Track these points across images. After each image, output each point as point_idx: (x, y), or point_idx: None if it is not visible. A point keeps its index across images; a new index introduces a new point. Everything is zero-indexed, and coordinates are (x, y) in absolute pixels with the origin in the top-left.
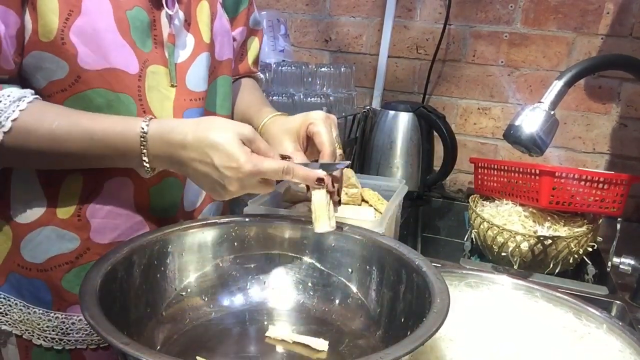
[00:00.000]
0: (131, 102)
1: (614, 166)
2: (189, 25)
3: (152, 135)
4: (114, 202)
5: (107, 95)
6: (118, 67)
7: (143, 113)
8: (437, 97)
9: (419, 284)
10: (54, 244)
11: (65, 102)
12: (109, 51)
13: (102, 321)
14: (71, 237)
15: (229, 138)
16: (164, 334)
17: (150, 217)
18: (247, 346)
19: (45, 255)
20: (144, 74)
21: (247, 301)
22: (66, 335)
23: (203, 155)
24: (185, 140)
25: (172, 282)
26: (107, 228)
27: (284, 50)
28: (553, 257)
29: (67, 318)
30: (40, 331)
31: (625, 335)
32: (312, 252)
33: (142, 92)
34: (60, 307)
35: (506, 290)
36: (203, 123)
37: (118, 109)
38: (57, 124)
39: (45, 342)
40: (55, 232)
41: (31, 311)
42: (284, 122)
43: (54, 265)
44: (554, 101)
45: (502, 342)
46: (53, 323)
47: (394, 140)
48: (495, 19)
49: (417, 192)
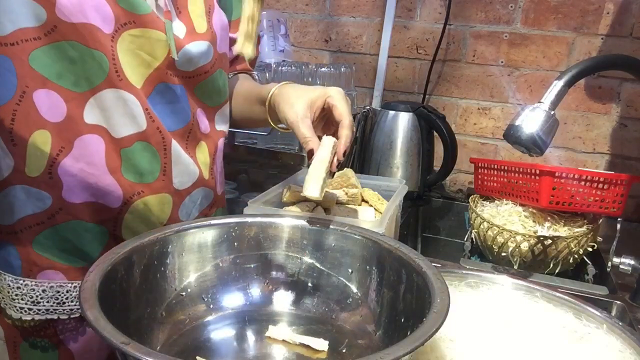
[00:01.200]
0: (104, 60)
1: (614, 166)
2: (179, 13)
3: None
4: (85, 160)
5: (82, 49)
6: (94, 24)
7: (115, 72)
8: (437, 97)
9: (419, 284)
10: (24, 203)
11: (36, 52)
12: (87, 7)
13: (102, 321)
14: (42, 195)
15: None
16: (164, 334)
17: (123, 180)
18: (246, 346)
19: (15, 216)
20: (117, 35)
21: (247, 301)
22: (36, 305)
23: None
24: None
25: (172, 282)
26: (80, 187)
27: (284, 50)
28: (553, 257)
29: (38, 285)
30: (10, 300)
31: (625, 335)
32: (312, 252)
33: (115, 53)
34: (30, 273)
35: (506, 290)
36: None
37: (91, 65)
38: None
39: (14, 312)
40: (25, 191)
41: (2, 278)
42: (300, 88)
43: (25, 227)
44: (554, 101)
45: (502, 342)
46: (22, 291)
47: (394, 140)
48: (495, 19)
49: (417, 192)
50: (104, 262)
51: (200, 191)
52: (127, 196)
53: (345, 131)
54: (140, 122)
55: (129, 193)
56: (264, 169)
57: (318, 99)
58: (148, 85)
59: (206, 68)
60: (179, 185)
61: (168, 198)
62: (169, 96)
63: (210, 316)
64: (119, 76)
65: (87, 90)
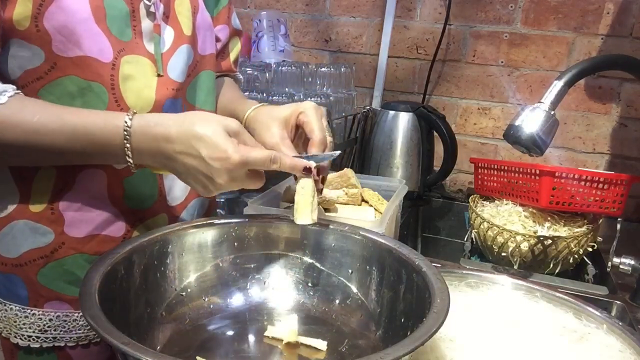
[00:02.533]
0: (103, 92)
1: (614, 166)
2: (167, 17)
3: (135, 129)
4: (87, 194)
5: (80, 83)
6: (91, 55)
7: (115, 102)
8: (437, 97)
9: (419, 284)
10: (28, 237)
11: (41, 91)
12: (82, 39)
13: (102, 321)
14: (45, 230)
15: (216, 130)
16: (164, 334)
17: (125, 209)
18: (246, 346)
19: (19, 250)
20: (118, 62)
21: (247, 301)
22: (43, 333)
23: (189, 147)
24: (170, 133)
25: (172, 282)
26: (82, 221)
27: (284, 50)
28: (553, 257)
29: (44, 314)
30: (17, 329)
31: (625, 336)
32: (312, 252)
33: (115, 82)
34: (37, 303)
35: (506, 290)
36: (188, 116)
37: (90, 98)
38: (39, 117)
39: (21, 340)
40: (29, 226)
41: (7, 308)
42: (273, 110)
43: (29, 260)
44: (554, 101)
45: (502, 342)
46: (29, 320)
47: (394, 140)
48: (495, 19)
49: (417, 192)
50: (104, 262)
51: (196, 202)
52: (129, 224)
53: (313, 150)
54: None
55: (130, 221)
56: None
57: (291, 117)
58: (157, 107)
59: (188, 71)
60: (171, 201)
61: (164, 217)
62: (173, 111)
63: (210, 316)
64: (119, 105)
65: None
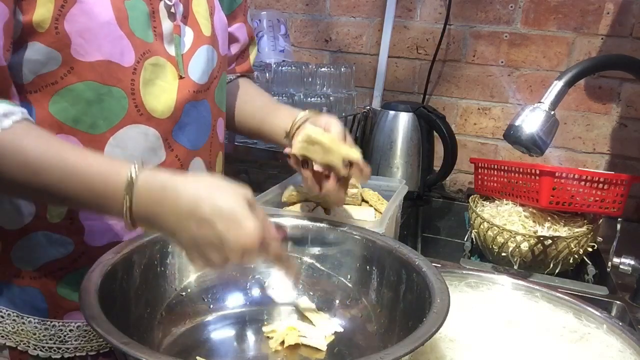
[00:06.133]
0: (123, 97)
1: (614, 166)
2: (186, 18)
3: (140, 186)
4: None
5: (99, 88)
6: (112, 60)
7: (135, 108)
8: (437, 97)
9: (419, 284)
10: (47, 249)
11: (54, 97)
12: (104, 42)
13: (102, 321)
14: (64, 241)
15: (239, 204)
16: (164, 334)
17: None
18: (246, 346)
19: (38, 262)
20: (139, 66)
21: (247, 301)
22: (64, 344)
23: (202, 221)
24: (180, 201)
25: (172, 282)
26: (102, 230)
27: (284, 50)
28: (553, 257)
29: (65, 325)
30: (36, 341)
31: (625, 336)
32: (312, 252)
33: (135, 86)
34: (57, 314)
35: (506, 290)
36: (201, 183)
37: (109, 103)
38: (39, 152)
39: (42, 352)
40: (47, 237)
41: (25, 321)
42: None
43: (49, 272)
44: (554, 101)
45: (502, 342)
46: (50, 332)
47: (394, 140)
48: (495, 19)
49: (417, 192)
50: (104, 262)
51: None
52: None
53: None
54: (160, 154)
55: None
56: (264, 169)
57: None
58: (177, 110)
59: (215, 73)
60: None
61: None
62: (195, 114)
63: (210, 316)
64: (139, 111)
65: (106, 131)
